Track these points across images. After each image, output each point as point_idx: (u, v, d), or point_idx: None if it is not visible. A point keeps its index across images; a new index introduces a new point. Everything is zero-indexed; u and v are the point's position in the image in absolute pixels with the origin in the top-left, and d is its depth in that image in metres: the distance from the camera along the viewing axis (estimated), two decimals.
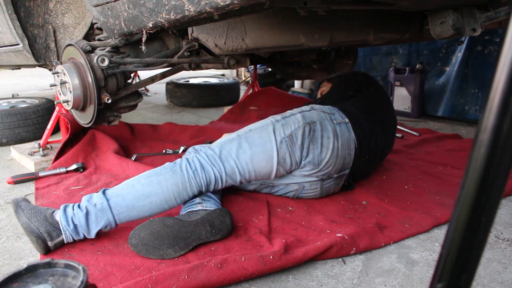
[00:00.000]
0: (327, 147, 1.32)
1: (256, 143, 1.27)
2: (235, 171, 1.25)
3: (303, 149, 1.30)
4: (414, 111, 3.07)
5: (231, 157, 1.25)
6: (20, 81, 6.22)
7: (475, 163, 0.35)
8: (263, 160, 1.27)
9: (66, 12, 1.87)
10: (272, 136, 1.28)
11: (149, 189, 1.16)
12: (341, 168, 1.39)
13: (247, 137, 1.29)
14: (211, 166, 1.23)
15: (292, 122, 1.32)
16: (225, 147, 1.27)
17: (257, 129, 1.32)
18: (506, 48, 0.32)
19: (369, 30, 1.28)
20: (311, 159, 1.32)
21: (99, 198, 1.14)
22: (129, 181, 1.20)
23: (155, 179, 1.18)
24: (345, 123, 1.39)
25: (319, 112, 1.38)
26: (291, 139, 1.29)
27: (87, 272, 0.44)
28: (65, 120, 2.02)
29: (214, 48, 1.36)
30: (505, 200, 1.49)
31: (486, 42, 2.65)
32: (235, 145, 1.27)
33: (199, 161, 1.23)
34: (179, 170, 1.21)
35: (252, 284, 1.01)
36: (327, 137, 1.33)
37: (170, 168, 1.22)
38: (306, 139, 1.30)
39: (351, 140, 1.38)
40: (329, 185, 1.44)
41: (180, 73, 2.39)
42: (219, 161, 1.24)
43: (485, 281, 1.00)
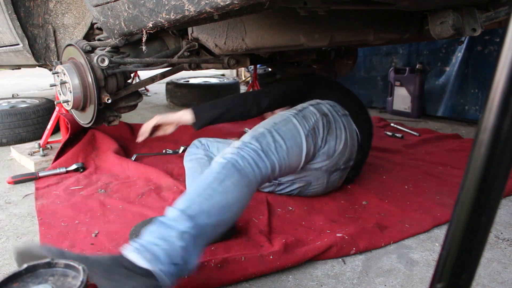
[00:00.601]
0: (340, 137, 1.33)
1: (288, 137, 1.20)
2: (276, 166, 1.14)
3: (323, 140, 1.28)
4: (414, 111, 3.07)
5: (271, 152, 1.14)
6: (20, 81, 6.22)
7: (475, 163, 0.35)
8: (295, 154, 1.22)
9: (66, 12, 1.87)
10: (300, 129, 1.24)
11: (228, 196, 0.98)
12: (348, 159, 1.40)
13: (278, 131, 1.20)
14: (259, 161, 1.10)
15: (309, 115, 1.29)
16: (263, 142, 1.15)
17: (282, 122, 1.24)
18: (506, 48, 0.32)
19: (369, 30, 1.28)
20: (326, 150, 1.31)
21: (184, 220, 0.88)
22: (202, 192, 0.96)
23: (230, 183, 1.00)
24: (346, 115, 1.40)
25: (326, 104, 1.37)
26: (314, 131, 1.26)
27: (87, 272, 0.44)
28: (65, 120, 2.02)
29: (214, 48, 1.36)
30: (505, 200, 1.49)
31: (486, 42, 2.65)
32: (271, 139, 1.17)
33: (250, 157, 1.08)
34: (242, 168, 1.04)
35: (252, 284, 1.01)
36: (339, 128, 1.33)
37: (232, 167, 1.03)
38: (325, 130, 1.29)
39: (353, 131, 1.40)
40: (335, 178, 1.43)
41: (180, 73, 2.39)
42: (264, 156, 1.12)
43: (485, 281, 1.00)
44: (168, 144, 2.25)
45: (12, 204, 1.52)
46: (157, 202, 1.47)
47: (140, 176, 1.73)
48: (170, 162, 1.93)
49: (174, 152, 2.09)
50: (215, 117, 1.47)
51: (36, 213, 1.40)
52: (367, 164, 1.87)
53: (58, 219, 1.33)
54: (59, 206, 1.44)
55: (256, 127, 1.25)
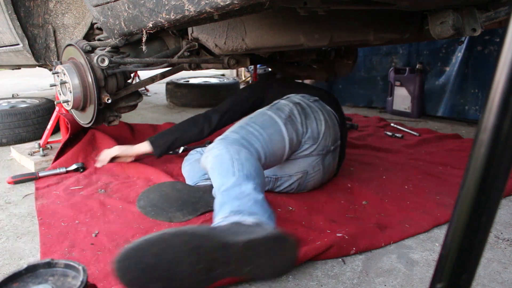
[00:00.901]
0: (319, 119, 1.38)
1: (266, 126, 1.24)
2: (261, 154, 1.17)
3: (302, 125, 1.33)
4: (414, 111, 3.07)
5: (253, 140, 1.17)
6: (20, 81, 6.22)
7: (475, 163, 0.35)
8: (277, 141, 1.25)
9: (66, 12, 1.87)
10: (277, 118, 1.28)
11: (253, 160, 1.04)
12: (334, 138, 1.44)
13: (254, 122, 1.24)
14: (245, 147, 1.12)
15: (282, 106, 1.35)
16: (241, 132, 1.18)
17: (257, 116, 1.29)
18: (506, 48, 0.32)
19: (369, 30, 1.28)
20: (310, 134, 1.35)
21: (247, 181, 0.95)
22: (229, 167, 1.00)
23: (244, 153, 1.05)
24: (317, 101, 1.46)
25: (295, 97, 1.44)
26: (291, 118, 1.31)
27: (87, 272, 0.44)
28: (65, 120, 2.02)
29: (214, 48, 1.36)
30: (505, 200, 1.49)
31: (486, 42, 2.65)
32: (250, 130, 1.19)
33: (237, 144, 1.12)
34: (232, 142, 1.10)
35: (252, 284, 1.01)
36: (315, 111, 1.39)
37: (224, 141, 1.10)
38: (301, 115, 1.34)
39: (330, 111, 1.46)
40: (328, 161, 1.46)
41: (180, 73, 2.39)
42: (247, 144, 1.14)
43: (485, 281, 1.00)
44: None
45: (12, 204, 1.52)
46: None
47: (140, 176, 1.73)
48: (170, 162, 1.92)
49: (174, 152, 2.09)
50: (170, 142, 1.58)
51: (36, 213, 1.40)
52: (367, 164, 1.87)
53: (58, 219, 1.33)
54: (59, 206, 1.44)
55: (232, 126, 1.28)
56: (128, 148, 1.69)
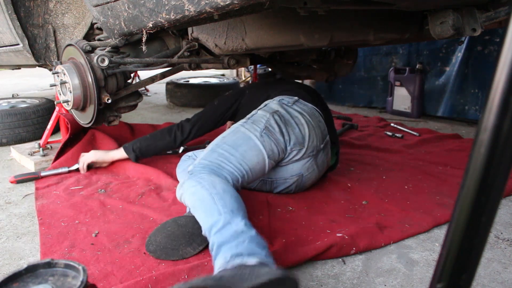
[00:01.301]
0: (300, 123, 1.37)
1: (238, 144, 1.26)
2: (237, 175, 1.21)
3: (283, 134, 1.32)
4: (414, 111, 3.07)
5: (225, 164, 1.21)
6: (20, 81, 6.22)
7: (475, 163, 0.35)
8: (254, 156, 1.26)
9: (66, 12, 1.87)
10: (250, 134, 1.29)
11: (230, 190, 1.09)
12: (321, 136, 1.44)
13: (226, 143, 1.26)
14: (217, 169, 1.18)
15: (258, 118, 1.35)
16: (210, 158, 1.21)
17: (230, 134, 1.30)
18: (506, 48, 0.32)
19: (369, 30, 1.28)
20: (295, 140, 1.35)
21: (235, 217, 0.97)
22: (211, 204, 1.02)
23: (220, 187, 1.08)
24: (297, 101, 1.46)
25: (274, 102, 1.43)
26: (268, 129, 1.30)
27: (87, 272, 0.44)
28: (65, 120, 2.02)
29: (214, 48, 1.36)
30: (505, 200, 1.49)
31: (486, 42, 2.65)
32: (220, 153, 1.22)
33: (209, 167, 1.18)
34: (214, 173, 1.15)
35: None
36: (295, 116, 1.38)
37: (207, 174, 1.13)
38: (281, 124, 1.33)
39: (312, 109, 1.46)
40: (321, 159, 1.46)
41: (180, 73, 2.39)
42: (217, 169, 1.18)
43: (485, 281, 1.00)
44: None
45: (12, 204, 1.52)
46: (157, 202, 1.47)
47: (140, 176, 1.73)
48: (170, 162, 1.93)
49: (174, 152, 2.09)
50: (144, 148, 1.68)
51: (36, 213, 1.40)
52: (367, 164, 1.87)
53: (58, 219, 1.34)
54: (59, 206, 1.44)
55: (206, 148, 1.32)
56: (104, 154, 1.77)
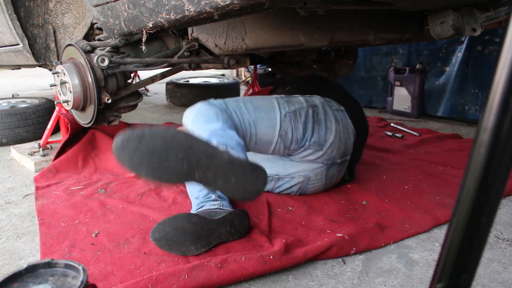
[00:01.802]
0: (330, 129, 1.36)
1: (260, 108, 1.27)
2: (239, 129, 1.22)
3: (306, 128, 1.31)
4: (414, 111, 3.07)
5: (235, 114, 1.23)
6: (20, 81, 6.22)
7: (475, 163, 0.35)
8: (265, 126, 1.26)
9: (66, 12, 1.87)
10: (277, 107, 1.29)
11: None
12: (343, 152, 1.42)
13: (251, 101, 1.29)
14: (223, 111, 1.22)
15: (295, 102, 1.34)
16: (230, 104, 1.25)
17: (261, 98, 1.32)
18: (506, 48, 0.32)
19: (369, 30, 1.28)
20: (316, 139, 1.34)
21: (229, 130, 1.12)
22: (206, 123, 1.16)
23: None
24: (342, 111, 1.44)
25: (318, 98, 1.42)
26: (295, 114, 1.30)
27: (87, 272, 0.44)
28: (65, 120, 2.02)
29: (214, 48, 1.36)
30: (505, 200, 1.49)
31: (486, 42, 2.65)
32: (240, 105, 1.26)
33: (217, 106, 1.23)
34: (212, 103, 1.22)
35: (252, 284, 1.01)
36: (329, 120, 1.37)
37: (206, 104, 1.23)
38: (309, 119, 1.32)
39: (349, 126, 1.43)
40: (333, 173, 1.45)
41: (180, 73, 2.39)
42: (226, 112, 1.22)
43: (485, 281, 1.00)
44: None
45: (12, 204, 1.52)
46: (157, 202, 1.47)
47: None
48: None
49: None
50: None
51: (36, 213, 1.40)
52: (367, 164, 1.87)
53: (58, 219, 1.34)
54: (59, 206, 1.44)
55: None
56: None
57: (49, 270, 0.46)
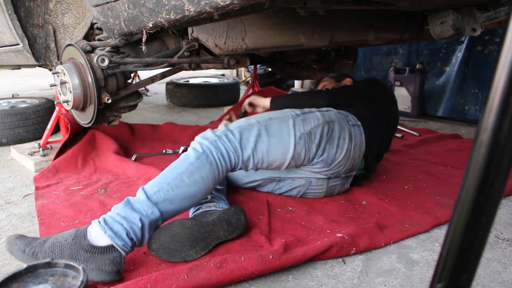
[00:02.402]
0: (342, 148, 1.34)
1: (275, 134, 1.25)
2: (250, 160, 1.22)
3: (319, 147, 1.30)
4: (414, 111, 3.07)
5: (250, 145, 1.21)
6: (20, 81, 6.22)
7: (475, 163, 0.35)
8: (279, 153, 1.25)
9: (66, 12, 1.87)
10: (292, 131, 1.27)
11: (194, 188, 1.10)
12: (350, 169, 1.42)
13: (267, 126, 1.25)
14: (233, 153, 1.19)
15: (311, 119, 1.31)
16: (245, 133, 1.22)
17: (277, 119, 1.29)
18: (506, 48, 0.32)
19: (369, 30, 1.28)
20: (325, 158, 1.32)
21: (147, 206, 1.03)
22: (170, 180, 1.09)
23: (198, 176, 1.11)
24: (358, 126, 1.40)
25: (336, 112, 1.39)
26: (309, 136, 1.28)
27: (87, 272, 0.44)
28: (65, 120, 2.02)
29: (214, 48, 1.36)
30: (505, 200, 1.49)
31: (486, 42, 2.65)
32: (255, 133, 1.23)
33: (224, 148, 1.17)
34: (214, 160, 1.15)
35: (252, 284, 1.01)
36: (343, 138, 1.34)
37: (206, 160, 1.14)
38: (324, 138, 1.30)
39: (362, 143, 1.40)
40: (335, 184, 1.45)
41: (180, 73, 2.39)
42: (239, 148, 1.19)
43: (485, 281, 1.00)
44: (168, 144, 2.26)
45: (12, 204, 1.52)
46: None
47: (140, 176, 1.73)
48: (170, 162, 1.92)
49: (174, 152, 2.09)
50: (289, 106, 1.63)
51: (36, 213, 1.40)
52: None
53: (58, 219, 1.33)
54: (59, 206, 1.44)
55: (252, 116, 1.32)
56: (261, 98, 1.79)
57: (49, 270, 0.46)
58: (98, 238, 1.00)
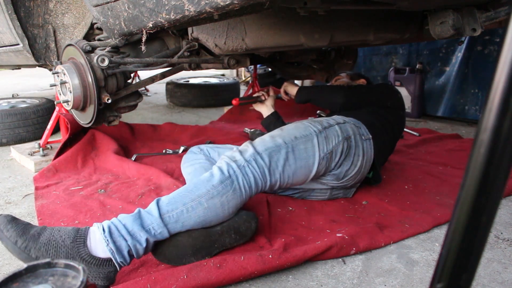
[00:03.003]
0: (355, 164, 1.34)
1: (301, 157, 1.22)
2: (277, 183, 1.19)
3: (337, 164, 1.30)
4: (414, 111, 3.07)
5: (278, 170, 1.18)
6: (20, 81, 6.22)
7: (475, 163, 0.35)
8: (303, 174, 1.24)
9: (66, 12, 1.87)
10: (317, 152, 1.24)
11: (211, 214, 1.05)
12: (357, 180, 1.43)
13: (294, 148, 1.21)
14: (261, 180, 1.14)
15: (332, 136, 1.28)
16: (274, 157, 1.18)
17: (303, 138, 1.24)
18: (506, 48, 0.32)
19: (369, 30, 1.28)
20: (337, 173, 1.32)
21: (157, 225, 0.99)
22: (188, 201, 1.04)
23: (218, 201, 1.05)
24: (369, 140, 1.38)
25: (352, 125, 1.36)
26: (331, 155, 1.27)
27: (87, 272, 0.44)
28: (65, 120, 2.02)
29: (214, 48, 1.36)
30: (505, 200, 1.49)
31: (486, 42, 2.65)
32: (283, 156, 1.19)
33: (253, 175, 1.13)
34: (239, 188, 1.09)
35: (252, 284, 1.01)
36: (357, 154, 1.33)
37: (230, 185, 1.08)
38: (343, 155, 1.29)
39: (371, 156, 1.40)
40: (337, 193, 1.47)
41: (180, 73, 2.39)
42: (268, 174, 1.16)
43: (485, 281, 1.00)
44: (168, 144, 2.26)
45: (12, 204, 1.52)
46: None
47: (140, 176, 1.73)
48: (170, 162, 1.93)
49: (174, 152, 2.09)
50: (312, 97, 1.76)
51: (36, 213, 1.40)
52: None
53: (58, 219, 1.33)
54: (59, 206, 1.44)
55: (276, 133, 1.26)
56: (291, 86, 1.93)
57: (49, 270, 0.46)
58: (98, 249, 0.94)
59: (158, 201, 1.03)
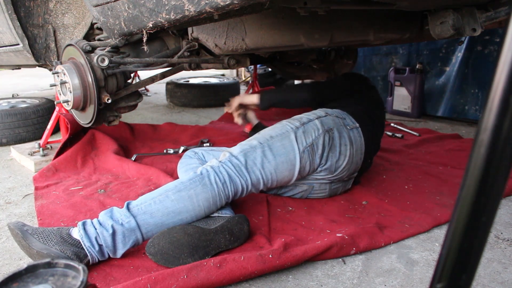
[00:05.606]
0: (344, 154, 1.34)
1: (279, 152, 1.25)
2: (260, 181, 1.23)
3: (322, 157, 1.31)
4: (414, 111, 3.07)
5: (257, 167, 1.22)
6: (20, 81, 6.22)
7: (475, 163, 0.35)
8: (286, 169, 1.26)
9: (66, 12, 1.87)
10: (295, 146, 1.27)
11: (179, 205, 1.10)
12: (353, 170, 1.43)
13: (270, 146, 1.26)
14: (238, 177, 1.19)
15: (311, 130, 1.30)
16: (250, 156, 1.23)
17: (279, 137, 1.29)
18: (506, 48, 0.32)
19: (369, 30, 1.28)
20: (328, 166, 1.34)
21: (125, 216, 1.06)
22: (156, 195, 1.11)
23: (185, 194, 1.11)
24: (356, 128, 1.40)
25: (334, 117, 1.38)
26: (312, 148, 1.28)
27: (87, 272, 0.44)
28: (65, 120, 2.02)
29: (214, 48, 1.36)
30: (505, 200, 1.49)
31: (486, 42, 2.65)
32: (260, 154, 1.23)
33: (227, 172, 1.18)
34: (209, 183, 1.15)
35: (252, 284, 1.01)
36: (344, 144, 1.34)
37: (199, 181, 1.14)
38: (326, 147, 1.31)
39: (362, 144, 1.41)
40: (337, 186, 1.47)
41: (180, 73, 2.39)
42: (245, 172, 1.20)
43: (485, 281, 1.00)
44: (168, 144, 2.26)
45: (12, 204, 1.52)
46: None
47: (140, 176, 1.73)
48: (170, 162, 1.93)
49: (174, 152, 2.09)
50: (277, 101, 1.66)
51: (36, 213, 1.40)
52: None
53: (57, 219, 1.33)
54: (59, 206, 1.44)
55: (252, 137, 1.32)
56: (247, 96, 1.78)
57: (49, 270, 0.46)
58: (75, 233, 1.06)
59: (129, 201, 1.12)
